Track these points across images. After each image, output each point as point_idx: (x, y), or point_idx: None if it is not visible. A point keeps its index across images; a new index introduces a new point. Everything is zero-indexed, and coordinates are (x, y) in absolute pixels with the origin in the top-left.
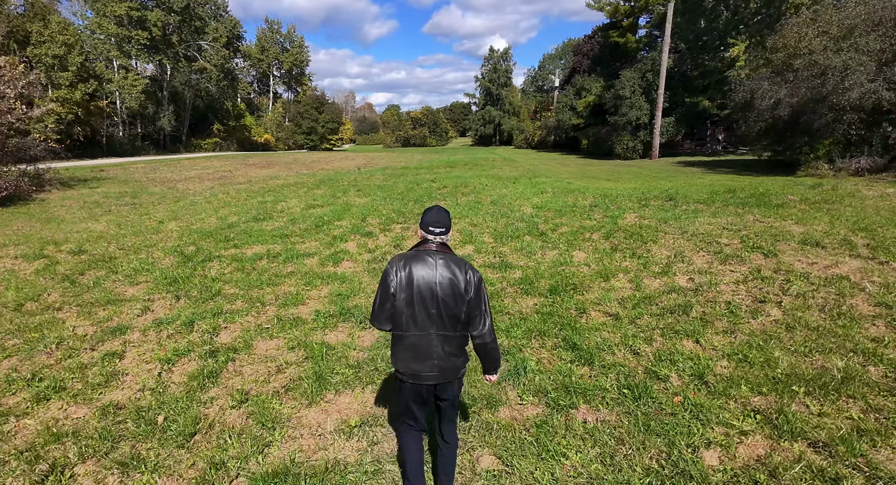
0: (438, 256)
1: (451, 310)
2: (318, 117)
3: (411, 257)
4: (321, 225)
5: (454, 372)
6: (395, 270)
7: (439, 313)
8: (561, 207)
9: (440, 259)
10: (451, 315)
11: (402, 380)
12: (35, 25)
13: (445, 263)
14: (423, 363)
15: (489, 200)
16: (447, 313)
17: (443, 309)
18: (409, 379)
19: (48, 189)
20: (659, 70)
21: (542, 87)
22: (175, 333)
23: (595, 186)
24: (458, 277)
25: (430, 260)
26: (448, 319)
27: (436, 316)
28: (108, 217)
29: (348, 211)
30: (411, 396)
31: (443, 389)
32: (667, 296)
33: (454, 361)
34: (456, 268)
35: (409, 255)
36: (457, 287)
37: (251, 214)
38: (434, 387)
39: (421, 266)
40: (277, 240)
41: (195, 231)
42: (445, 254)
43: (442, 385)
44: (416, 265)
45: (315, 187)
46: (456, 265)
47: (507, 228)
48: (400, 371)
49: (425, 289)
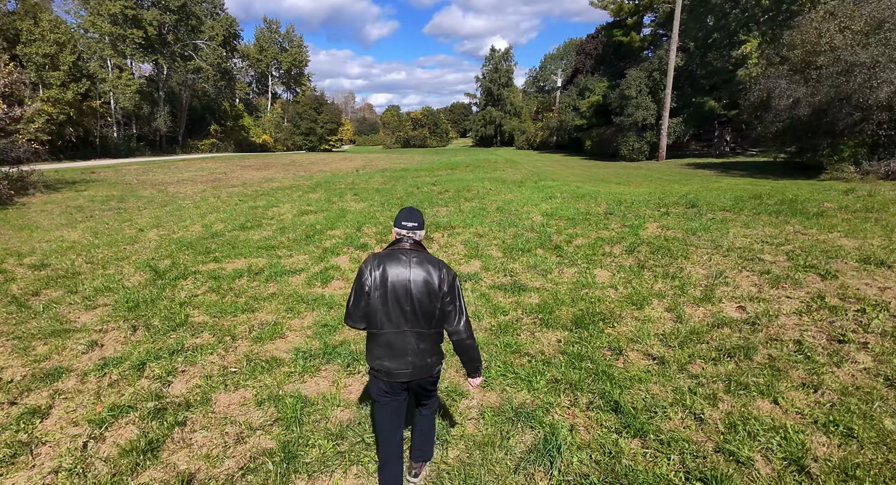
0: (412, 254)
1: (425, 307)
2: (317, 118)
3: (385, 256)
4: (312, 235)
5: (428, 370)
6: (369, 268)
7: (413, 311)
8: (573, 214)
9: (414, 257)
10: (426, 312)
11: (376, 376)
12: (25, 23)
13: (419, 262)
14: (398, 361)
15: (494, 206)
16: (421, 311)
17: (417, 306)
18: (384, 376)
19: (31, 192)
20: (666, 69)
21: (543, 87)
22: (120, 380)
23: (606, 191)
24: (433, 274)
25: (404, 258)
26: (422, 316)
27: (410, 313)
28: (88, 224)
29: (343, 218)
30: (384, 390)
31: (416, 386)
32: (717, 331)
33: (428, 359)
34: (430, 265)
35: (383, 254)
36: (431, 285)
37: (239, 221)
38: (407, 384)
39: (395, 264)
40: (262, 253)
41: (175, 241)
42: (419, 252)
43: (416, 382)
44: (390, 264)
45: (311, 191)
46: (430, 263)
47: (516, 239)
48: (374, 368)
49: (399, 287)
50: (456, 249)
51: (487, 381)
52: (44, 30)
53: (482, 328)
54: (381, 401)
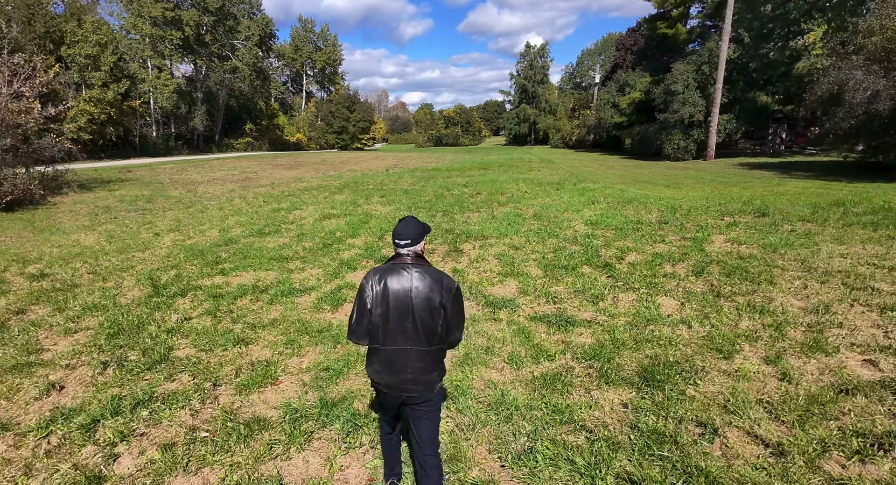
0: (414, 268)
1: (427, 324)
2: (350, 116)
3: (387, 270)
4: (331, 243)
5: (428, 387)
6: (370, 284)
7: (415, 328)
8: (621, 223)
9: (415, 272)
10: (428, 329)
11: (377, 388)
12: (70, 25)
13: (421, 276)
14: (397, 377)
15: (531, 211)
16: (423, 328)
17: (419, 323)
18: (383, 388)
19: (65, 192)
20: (717, 62)
21: (580, 83)
22: (61, 447)
23: (655, 195)
24: (435, 290)
25: (405, 273)
26: (424, 333)
27: (411, 331)
28: (108, 226)
29: (366, 224)
30: (384, 402)
31: (413, 404)
32: (849, 401)
33: (428, 376)
34: (432, 280)
35: (384, 268)
36: (433, 301)
37: (258, 225)
38: (405, 400)
39: (396, 279)
40: (274, 265)
41: (187, 248)
42: (421, 266)
43: (413, 400)
44: (391, 279)
45: (337, 191)
46: (431, 277)
47: (557, 254)
48: (374, 380)
49: (401, 303)
50: (489, 265)
51: (533, 472)
52: (87, 31)
53: (522, 380)
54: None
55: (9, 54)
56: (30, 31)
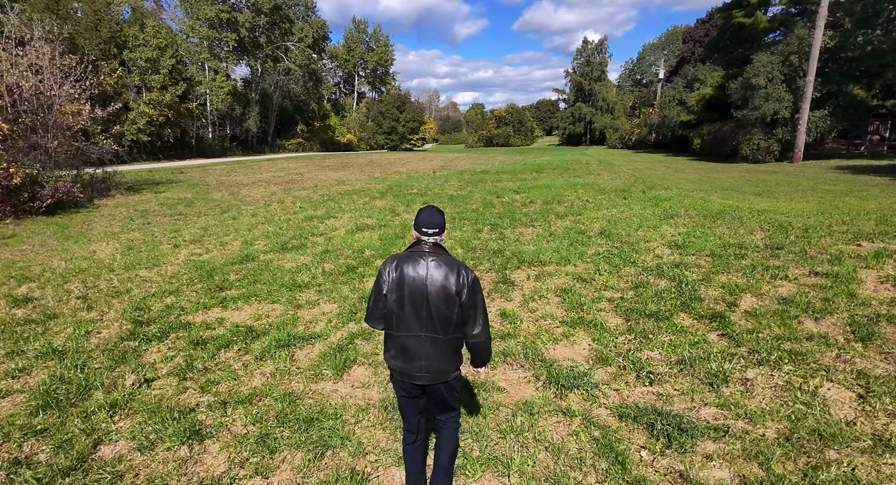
0: (431, 257)
1: (441, 313)
2: (399, 117)
3: (404, 258)
4: (355, 267)
5: (443, 375)
6: (387, 271)
7: (430, 316)
8: (716, 246)
9: (432, 260)
10: (442, 318)
11: (393, 375)
12: (132, 29)
13: (437, 265)
14: (412, 364)
15: (596, 227)
16: (438, 316)
17: (433, 312)
18: (399, 376)
19: (111, 194)
20: (808, 51)
21: (640, 80)
22: None
23: (747, 206)
24: (451, 278)
25: (422, 261)
26: (439, 321)
27: (426, 318)
28: (133, 235)
29: (401, 240)
30: (402, 390)
31: (432, 390)
32: None
33: (444, 364)
34: (448, 269)
35: (402, 255)
36: (448, 289)
37: (285, 237)
38: (423, 388)
39: (412, 267)
40: (284, 294)
41: (199, 266)
42: (438, 255)
43: (431, 387)
44: (407, 266)
45: (379, 196)
46: (448, 266)
47: (640, 292)
48: (390, 367)
49: (416, 291)
50: (549, 307)
51: None
52: (147, 35)
53: None
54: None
55: (60, 56)
56: (96, 36)
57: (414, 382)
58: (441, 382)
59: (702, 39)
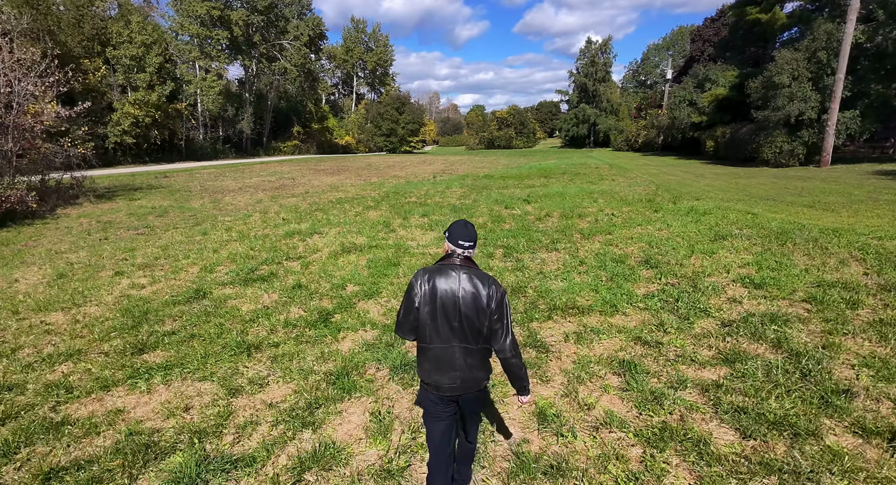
0: (462, 270)
1: (472, 323)
2: (399, 118)
3: (435, 271)
4: (330, 315)
5: (475, 383)
6: (419, 283)
7: (461, 327)
8: (810, 286)
9: (464, 273)
10: (473, 329)
11: (426, 388)
12: (116, 25)
13: (469, 278)
14: (445, 375)
15: (635, 251)
16: (469, 327)
17: (465, 322)
18: (433, 389)
19: (79, 202)
20: (837, 47)
21: (644, 81)
22: None
23: (811, 223)
24: (481, 291)
25: (454, 274)
26: (470, 332)
27: (458, 329)
28: (77, 256)
29: (395, 269)
30: (434, 403)
31: (464, 400)
32: None
33: (476, 373)
34: (479, 282)
35: (433, 269)
36: (479, 301)
37: (255, 260)
38: (456, 398)
39: (444, 280)
40: (224, 363)
41: (130, 308)
42: (469, 268)
43: (464, 396)
44: (439, 279)
45: (373, 206)
46: (479, 279)
47: (740, 372)
48: (424, 381)
49: (448, 302)
50: (606, 400)
51: None
52: (132, 32)
53: None
54: (431, 412)
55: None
56: (78, 32)
57: (448, 394)
58: (474, 390)
59: (711, 38)
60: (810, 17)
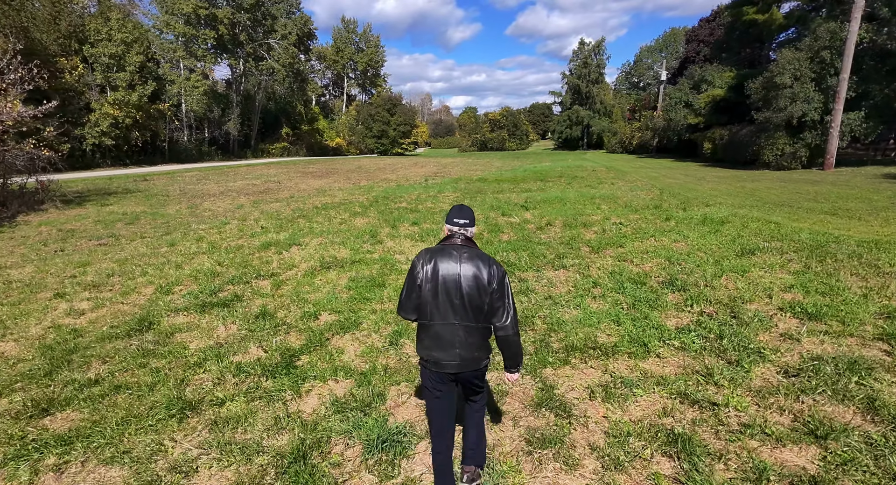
0: (463, 250)
1: (474, 301)
2: (390, 119)
3: (437, 251)
4: (296, 356)
5: (475, 362)
6: (421, 263)
7: (463, 304)
8: (875, 317)
9: (465, 253)
10: (475, 306)
11: (425, 366)
12: (94, 23)
13: (469, 257)
14: (445, 352)
15: (654, 269)
16: (470, 305)
17: (466, 300)
18: (432, 366)
19: (44, 208)
20: (842, 47)
21: (637, 83)
22: None
23: (844, 235)
24: (482, 270)
25: (455, 254)
26: (471, 310)
27: (459, 307)
28: (21, 273)
29: (380, 290)
30: (433, 381)
31: (463, 379)
32: None
33: (476, 352)
34: (480, 261)
35: (435, 249)
36: (480, 280)
37: (221, 278)
38: (455, 376)
39: (446, 260)
40: (141, 438)
41: (53, 346)
42: (470, 248)
43: (463, 375)
44: (441, 259)
45: (360, 212)
46: (480, 259)
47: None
48: (423, 358)
49: (450, 281)
50: None
51: None
52: (111, 29)
53: None
54: (431, 391)
55: None
56: (54, 29)
57: (447, 370)
58: (472, 369)
59: (707, 39)
60: (808, 18)
